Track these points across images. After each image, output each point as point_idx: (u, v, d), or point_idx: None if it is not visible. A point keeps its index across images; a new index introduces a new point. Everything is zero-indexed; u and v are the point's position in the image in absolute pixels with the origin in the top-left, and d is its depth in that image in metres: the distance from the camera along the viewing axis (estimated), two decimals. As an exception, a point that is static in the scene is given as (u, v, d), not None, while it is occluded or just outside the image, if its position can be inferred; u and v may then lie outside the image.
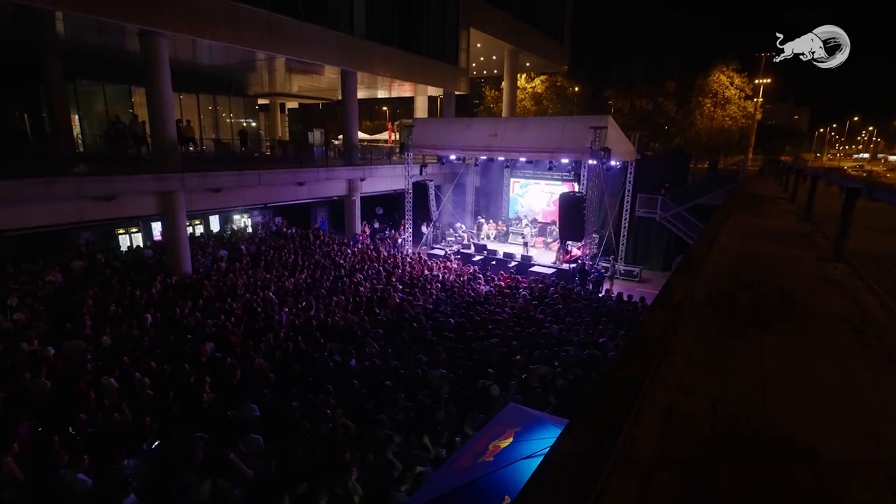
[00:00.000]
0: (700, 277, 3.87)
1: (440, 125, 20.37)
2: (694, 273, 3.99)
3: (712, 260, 4.60)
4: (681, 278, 3.82)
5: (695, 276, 3.93)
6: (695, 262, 4.46)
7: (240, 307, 12.52)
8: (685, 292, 3.47)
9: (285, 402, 8.26)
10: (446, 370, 9.40)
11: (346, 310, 12.60)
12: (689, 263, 4.37)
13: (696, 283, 3.72)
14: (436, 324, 11.63)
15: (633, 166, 20.22)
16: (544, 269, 18.09)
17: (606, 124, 16.02)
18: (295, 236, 21.43)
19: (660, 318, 2.95)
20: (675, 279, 3.78)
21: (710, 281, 3.81)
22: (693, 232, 18.96)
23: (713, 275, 3.99)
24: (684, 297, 3.35)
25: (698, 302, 3.30)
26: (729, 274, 4.03)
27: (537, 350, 10.37)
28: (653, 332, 2.77)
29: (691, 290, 3.53)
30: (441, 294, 14.01)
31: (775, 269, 4.32)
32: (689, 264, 4.33)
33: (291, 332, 11.26)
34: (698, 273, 4.01)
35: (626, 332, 11.22)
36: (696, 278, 3.85)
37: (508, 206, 24.69)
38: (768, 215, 8.10)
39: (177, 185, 14.46)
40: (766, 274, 4.08)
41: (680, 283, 3.65)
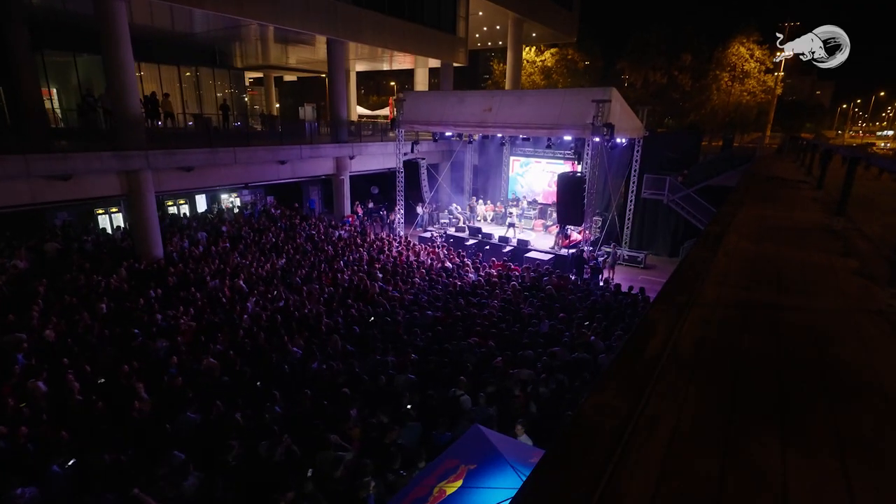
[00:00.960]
0: (693, 308, 2.70)
1: (432, 99, 18.99)
2: (686, 298, 2.84)
3: (715, 273, 3.43)
4: (664, 309, 2.67)
5: (687, 303, 2.77)
6: (691, 278, 3.29)
7: (203, 297, 11.58)
8: (666, 339, 2.32)
9: (229, 413, 7.33)
10: (415, 375, 8.40)
11: (319, 301, 11.61)
12: (683, 281, 3.20)
13: (687, 318, 2.56)
14: (411, 319, 10.59)
15: (640, 144, 18.74)
16: (541, 255, 16.90)
17: (610, 97, 14.57)
18: (280, 217, 20.40)
19: (617, 395, 1.84)
20: (657, 311, 2.63)
21: (706, 315, 2.64)
22: (703, 216, 17.57)
23: (713, 304, 2.82)
24: (663, 348, 2.21)
25: (683, 359, 2.16)
26: (735, 302, 2.85)
27: (521, 351, 9.32)
28: (604, 423, 1.67)
29: (677, 333, 2.38)
30: (423, 283, 12.94)
31: (802, 291, 3.12)
32: (683, 283, 3.16)
33: (255, 326, 10.31)
34: (693, 298, 2.85)
35: (623, 330, 10.10)
36: (687, 309, 2.69)
37: (507, 186, 23.36)
38: (789, 204, 6.81)
39: (141, 163, 13.40)
40: (791, 301, 2.90)
41: (662, 320, 2.50)
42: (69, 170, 12.13)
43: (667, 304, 2.72)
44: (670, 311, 2.59)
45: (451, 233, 19.87)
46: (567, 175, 15.46)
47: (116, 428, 7.06)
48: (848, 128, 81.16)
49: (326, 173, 19.86)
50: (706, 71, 47.22)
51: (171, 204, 22.06)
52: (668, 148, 19.36)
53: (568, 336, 9.88)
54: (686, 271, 3.41)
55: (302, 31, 17.35)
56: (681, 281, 3.18)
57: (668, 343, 2.23)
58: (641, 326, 2.43)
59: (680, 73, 48.56)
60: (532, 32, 33.37)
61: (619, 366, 2.09)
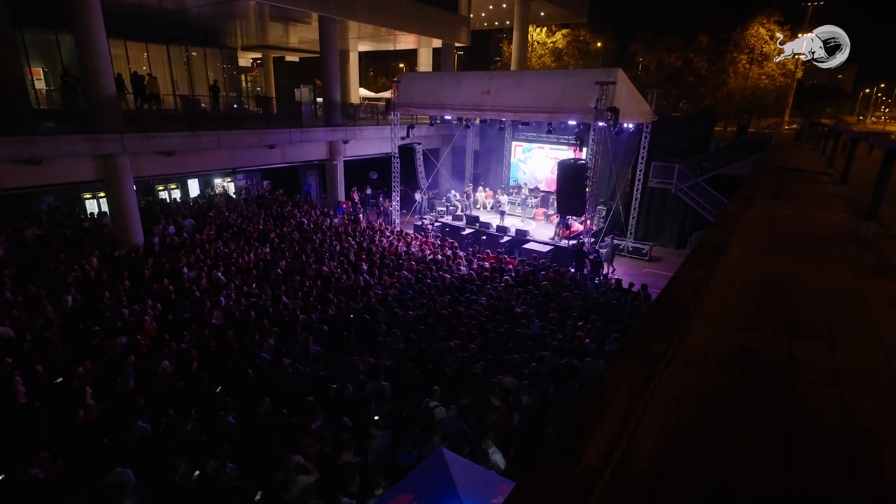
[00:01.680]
0: (670, 368, 1.95)
1: (428, 81, 18.05)
2: (663, 349, 2.08)
3: (709, 304, 2.66)
4: (629, 370, 1.92)
5: (662, 357, 2.02)
6: (676, 312, 2.52)
7: (177, 290, 10.98)
8: (617, 433, 1.59)
9: (181, 424, 6.73)
10: (388, 381, 7.73)
11: (297, 296, 10.95)
12: (664, 317, 2.45)
13: (657, 389, 1.81)
14: (391, 316, 9.90)
15: (648, 129, 17.70)
16: (539, 247, 16.09)
17: (614, 79, 13.57)
18: (272, 203, 19.73)
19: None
20: (616, 376, 1.87)
21: (686, 383, 1.89)
22: (714, 207, 16.58)
23: (698, 359, 2.06)
24: (610, 451, 1.48)
25: (637, 474, 1.40)
26: (730, 356, 2.11)
27: (506, 355, 8.61)
28: None
29: (635, 423, 1.64)
30: (411, 277, 12.23)
31: (825, 337, 2.34)
32: (663, 320, 2.41)
33: (226, 323, 9.69)
34: (672, 349, 2.10)
35: (619, 332, 9.32)
36: (662, 367, 1.94)
37: (509, 172, 22.43)
38: (807, 202, 5.95)
39: (116, 147, 12.73)
40: (809, 354, 2.13)
41: (618, 395, 1.75)
42: (37, 154, 11.49)
43: (634, 360, 1.95)
44: (636, 377, 1.83)
45: (448, 221, 19.09)
46: (568, 162, 14.54)
47: (59, 438, 6.51)
48: (870, 113, 78.31)
49: (319, 158, 19.10)
50: (723, 53, 45.33)
51: (161, 189, 21.49)
52: (677, 134, 18.27)
53: (559, 339, 9.15)
54: (670, 302, 2.63)
55: (291, 8, 16.45)
56: (662, 316, 2.40)
57: (618, 442, 1.48)
58: (586, 407, 1.67)
59: (696, 55, 46.68)
60: (540, 11, 31.97)
61: (539, 479, 1.34)
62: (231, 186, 24.28)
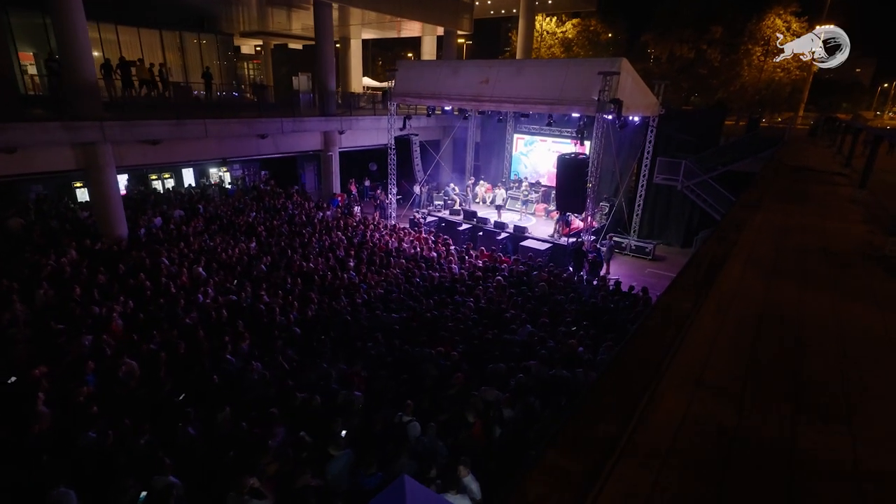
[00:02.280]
0: (621, 463, 1.38)
1: (425, 70, 17.37)
2: (615, 429, 1.53)
3: (692, 349, 2.10)
4: (554, 481, 1.34)
5: (613, 450, 1.46)
6: (644, 372, 1.97)
7: (152, 286, 10.53)
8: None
9: (133, 437, 6.28)
10: (362, 392, 7.23)
11: (278, 294, 10.45)
12: (620, 389, 1.88)
13: (601, 496, 1.25)
14: (373, 319, 9.38)
15: (654, 123, 16.95)
16: (538, 245, 15.47)
17: (618, 69, 12.85)
18: (265, 195, 19.25)
19: None
20: (537, 488, 1.30)
21: (640, 485, 1.27)
22: (721, 205, 15.85)
23: (663, 449, 1.49)
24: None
25: None
26: (708, 435, 1.54)
27: (492, 363, 8.07)
28: None
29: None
30: (400, 275, 11.69)
31: (843, 417, 1.77)
32: (616, 395, 1.85)
33: (200, 323, 9.23)
34: (626, 434, 1.54)
35: (613, 340, 8.74)
36: (609, 465, 1.38)
37: (510, 166, 21.74)
38: (821, 207, 5.32)
39: (95, 135, 12.26)
40: (821, 445, 1.56)
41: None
42: (10, 141, 11.05)
43: (571, 454, 1.40)
44: (568, 486, 1.28)
45: (445, 216, 18.50)
46: (568, 156, 13.87)
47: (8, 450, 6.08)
48: (888, 108, 76.16)
49: (314, 149, 18.56)
50: (737, 45, 43.99)
51: (154, 178, 21.07)
52: (684, 128, 17.47)
53: (550, 346, 8.59)
54: (642, 347, 2.08)
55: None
56: (623, 374, 1.85)
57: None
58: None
59: (709, 46, 45.36)
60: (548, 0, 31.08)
61: None
62: (227, 176, 23.82)
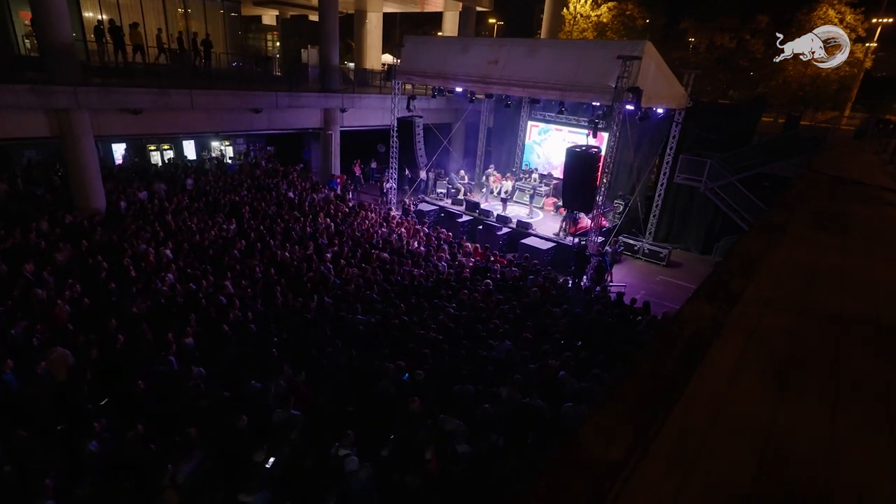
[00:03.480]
0: None
1: (433, 47, 16.08)
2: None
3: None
4: None
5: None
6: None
7: (109, 267, 9.78)
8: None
9: (37, 448, 5.51)
10: (302, 411, 6.32)
11: (241, 285, 9.60)
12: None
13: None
14: (337, 321, 8.43)
15: (681, 116, 15.39)
16: (540, 243, 14.27)
17: (640, 54, 11.42)
18: (262, 174, 18.42)
19: None
20: None
21: None
22: (748, 211, 14.33)
23: None
24: None
25: None
26: None
27: (459, 385, 7.07)
28: None
29: None
30: (379, 272, 10.70)
31: None
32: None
33: (148, 313, 8.44)
34: None
35: (600, 366, 7.62)
36: None
37: (522, 154, 20.40)
38: (868, 241, 4.08)
39: (69, 101, 11.49)
40: None
41: None
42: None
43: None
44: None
45: (447, 205, 17.40)
46: (577, 149, 12.57)
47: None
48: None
49: (312, 126, 17.57)
50: (783, 36, 40.93)
51: (153, 149, 20.44)
52: (713, 123, 15.80)
53: (530, 368, 7.53)
54: None
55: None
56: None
57: None
58: None
59: (752, 36, 42.39)
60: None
61: None
62: (230, 150, 23.07)
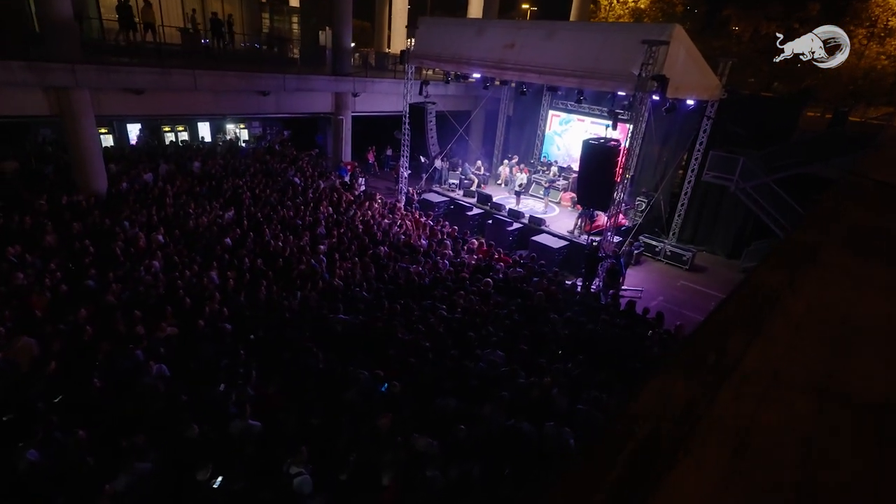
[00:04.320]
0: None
1: (449, 28, 15.19)
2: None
3: None
4: None
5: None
6: None
7: (95, 252, 9.48)
8: None
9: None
10: (263, 420, 5.80)
11: (226, 277, 9.15)
12: None
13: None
14: (317, 321, 7.89)
15: (713, 109, 14.17)
16: (553, 241, 13.41)
17: (668, 38, 10.35)
18: (272, 158, 18.02)
19: None
20: None
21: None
22: (784, 217, 13.12)
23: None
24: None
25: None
26: None
27: (440, 398, 6.43)
28: None
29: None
30: (372, 267, 10.10)
31: None
32: None
33: (123, 303, 8.07)
34: None
35: (599, 387, 6.85)
36: None
37: (542, 146, 19.41)
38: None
39: (66, 79, 11.22)
40: None
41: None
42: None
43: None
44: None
45: (458, 197, 16.67)
46: (594, 142, 11.61)
47: None
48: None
49: (323, 111, 17.03)
50: (836, 25, 38.09)
51: (168, 130, 20.33)
52: (745, 118, 14.45)
53: (520, 383, 6.82)
54: None
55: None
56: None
57: None
58: None
59: (801, 25, 39.60)
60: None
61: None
62: (245, 133, 22.81)
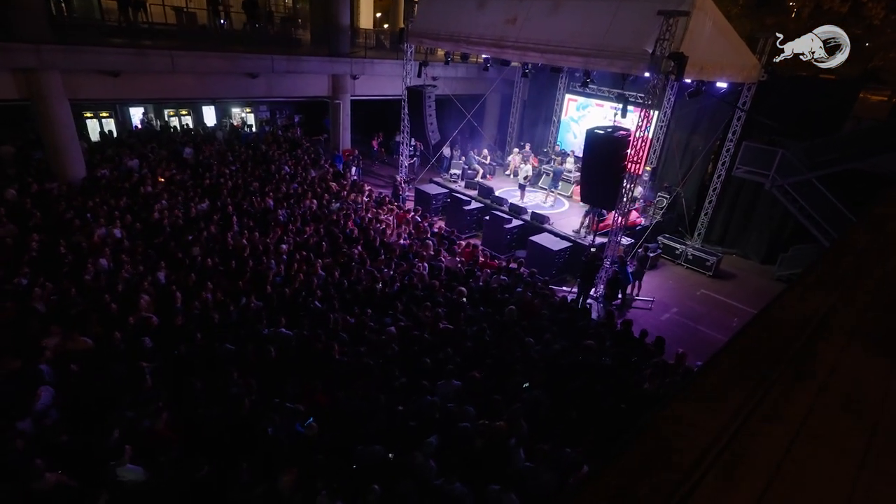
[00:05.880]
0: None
1: (449, 4, 13.74)
2: None
3: None
4: None
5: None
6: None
7: (38, 247, 8.87)
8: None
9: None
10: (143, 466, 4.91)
11: (174, 276, 8.36)
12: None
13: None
14: (253, 336, 6.94)
15: (750, 93, 12.27)
16: (553, 242, 11.99)
17: (689, 8, 8.69)
18: (273, 144, 17.23)
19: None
20: None
21: None
22: (827, 219, 11.23)
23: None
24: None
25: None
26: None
27: (363, 445, 5.37)
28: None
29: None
30: (336, 271, 9.08)
31: None
32: None
33: (48, 304, 7.38)
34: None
35: (555, 440, 5.61)
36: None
37: (557, 133, 17.80)
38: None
39: (31, 60, 10.62)
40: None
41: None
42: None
43: None
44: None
45: (458, 188, 15.42)
46: (599, 131, 10.09)
47: None
48: None
49: (319, 94, 16.02)
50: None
51: (172, 114, 19.89)
52: (787, 104, 12.36)
53: (463, 428, 5.66)
54: None
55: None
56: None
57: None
58: None
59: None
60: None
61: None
62: (251, 118, 22.17)
